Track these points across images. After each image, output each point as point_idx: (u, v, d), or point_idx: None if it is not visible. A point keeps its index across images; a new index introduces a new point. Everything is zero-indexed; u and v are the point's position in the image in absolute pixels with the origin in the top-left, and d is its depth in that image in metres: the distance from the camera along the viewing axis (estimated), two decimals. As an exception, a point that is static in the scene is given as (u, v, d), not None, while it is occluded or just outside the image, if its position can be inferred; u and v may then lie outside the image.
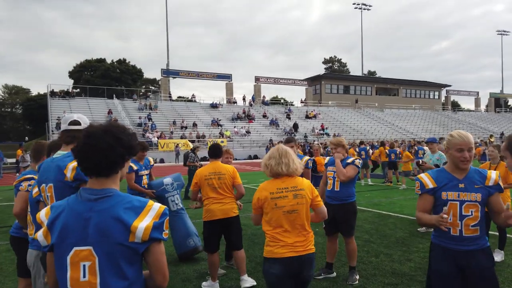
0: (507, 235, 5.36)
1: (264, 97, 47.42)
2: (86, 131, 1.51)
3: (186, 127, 34.35)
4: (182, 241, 5.24)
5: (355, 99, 52.30)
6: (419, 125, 46.48)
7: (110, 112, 33.37)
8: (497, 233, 5.31)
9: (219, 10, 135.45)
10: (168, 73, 44.31)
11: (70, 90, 39.04)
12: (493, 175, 2.39)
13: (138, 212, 1.47)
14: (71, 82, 55.07)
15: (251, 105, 44.11)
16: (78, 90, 45.05)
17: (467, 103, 73.40)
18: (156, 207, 1.51)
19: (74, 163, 2.17)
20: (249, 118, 39.60)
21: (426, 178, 2.55)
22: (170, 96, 44.31)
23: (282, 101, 56.54)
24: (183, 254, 5.26)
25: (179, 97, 53.07)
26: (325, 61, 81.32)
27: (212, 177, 4.29)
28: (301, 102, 51.12)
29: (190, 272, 4.93)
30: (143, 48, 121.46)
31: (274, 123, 39.16)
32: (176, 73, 44.62)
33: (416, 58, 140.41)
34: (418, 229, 6.82)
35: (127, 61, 61.01)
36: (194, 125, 35.09)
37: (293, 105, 52.29)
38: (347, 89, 54.76)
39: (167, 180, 5.55)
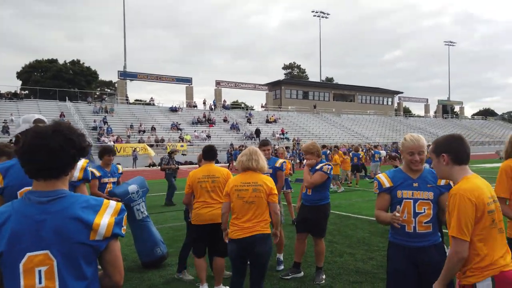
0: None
1: (225, 101, 47.37)
2: (34, 131, 1.44)
3: (144, 131, 33.46)
4: (149, 250, 5.06)
5: (314, 104, 53.65)
6: (374, 130, 48.52)
7: (62, 115, 31.79)
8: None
9: (179, 12, 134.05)
10: (125, 75, 43.00)
11: (18, 92, 36.74)
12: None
13: (96, 210, 1.46)
14: (19, 83, 51.92)
15: (211, 109, 43.88)
16: (27, 91, 42.46)
17: (417, 109, 77.84)
18: (113, 204, 1.52)
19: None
20: (210, 122, 39.34)
21: (383, 178, 2.73)
22: (127, 99, 43.00)
23: (242, 105, 56.80)
24: (150, 262, 5.09)
25: (137, 100, 51.65)
26: (285, 67, 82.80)
27: (205, 180, 4.13)
28: (262, 106, 51.63)
29: (156, 279, 4.79)
30: (98, 49, 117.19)
31: (235, 127, 39.18)
32: (134, 76, 43.41)
33: (371, 66, 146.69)
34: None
35: (81, 62, 58.51)
36: (153, 129, 34.27)
37: (253, 109, 52.67)
38: (306, 95, 56.06)
39: (132, 187, 5.21)
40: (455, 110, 71.13)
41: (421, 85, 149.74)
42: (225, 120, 41.06)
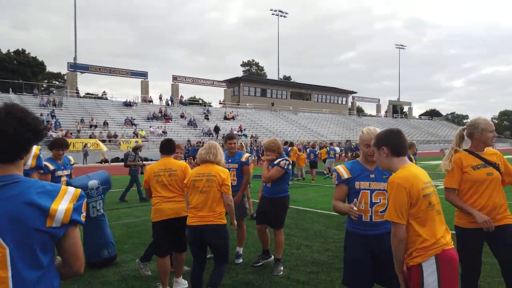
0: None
1: (182, 97, 46.55)
2: None
3: (95, 126, 32.04)
4: (96, 251, 4.80)
5: (272, 102, 54.27)
6: (329, 128, 50.03)
7: (5, 107, 29.53)
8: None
9: (134, 4, 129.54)
10: (76, 67, 40.90)
11: (-47, 82, 33.71)
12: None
13: (53, 196, 1.40)
14: (-46, 72, 47.54)
15: (168, 104, 42.93)
16: (-36, 81, 39.08)
17: (370, 109, 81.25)
18: (71, 190, 1.45)
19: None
20: (166, 118, 38.48)
21: (342, 169, 2.82)
22: (77, 92, 40.98)
23: (200, 101, 56.15)
24: (94, 262, 4.83)
25: (88, 93, 49.35)
26: (244, 64, 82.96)
27: (161, 174, 4.00)
28: (220, 103, 51.36)
29: (110, 275, 4.59)
30: (46, 40, 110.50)
31: (192, 123, 38.65)
32: (85, 68, 41.37)
33: (326, 66, 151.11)
34: None
35: (26, 52, 54.79)
36: (105, 124, 32.92)
37: (211, 106, 52.25)
38: (264, 92, 56.54)
39: (93, 183, 4.92)
40: (404, 110, 75.05)
41: (373, 86, 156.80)
42: (182, 116, 40.37)
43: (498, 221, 2.96)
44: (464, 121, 74.35)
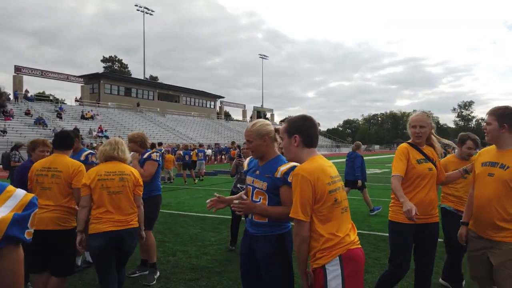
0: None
1: (27, 91, 39.99)
2: None
3: None
4: None
5: (137, 102, 51.35)
6: (198, 131, 50.04)
7: None
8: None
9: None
10: None
11: None
12: (283, 167, 2.27)
13: None
14: None
15: (9, 99, 36.27)
16: None
17: (236, 114, 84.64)
18: (20, 194, 1.06)
19: None
20: (6, 115, 32.40)
21: (246, 161, 2.63)
22: None
23: (51, 98, 49.32)
24: None
25: None
26: (105, 60, 76.51)
27: (44, 173, 3.27)
28: (76, 101, 46.02)
29: None
30: None
31: (40, 122, 33.49)
32: None
33: (194, 69, 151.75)
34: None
35: None
36: None
37: (65, 103, 46.36)
38: (128, 91, 53.09)
39: None
40: (267, 116, 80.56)
41: (238, 92, 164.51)
42: (27, 114, 34.65)
43: (431, 218, 3.01)
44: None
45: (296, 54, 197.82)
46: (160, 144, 15.62)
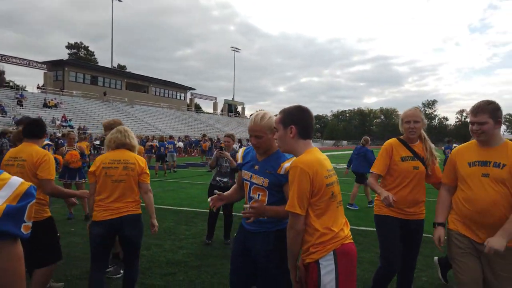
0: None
1: (-16, 76, 37.57)
2: None
3: None
4: None
5: (104, 91, 49.58)
6: (167, 123, 49.07)
7: None
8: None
9: None
10: None
11: None
12: (287, 164, 2.17)
13: None
14: None
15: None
16: None
17: (207, 106, 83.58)
18: (15, 182, 0.95)
19: None
20: (-39, 100, 30.38)
21: (239, 153, 2.49)
22: None
23: (11, 84, 46.67)
24: None
25: None
26: (70, 46, 73.22)
27: (11, 163, 3.12)
28: (38, 88, 43.82)
29: None
30: None
31: (-1, 109, 31.65)
32: None
33: (165, 60, 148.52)
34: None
35: None
36: None
37: (26, 90, 44.01)
38: (95, 80, 51.15)
39: None
40: (238, 110, 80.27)
41: (209, 84, 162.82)
42: (-16, 100, 32.62)
43: (415, 215, 2.98)
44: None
45: (268, 49, 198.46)
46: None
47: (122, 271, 4.05)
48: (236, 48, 74.91)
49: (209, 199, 2.40)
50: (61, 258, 3.34)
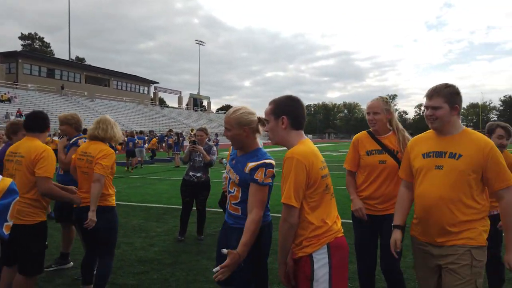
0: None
1: None
2: None
3: None
4: None
5: (62, 85, 47.25)
6: (130, 117, 47.61)
7: None
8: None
9: None
10: None
11: None
12: (252, 163, 2.12)
13: None
14: None
15: None
16: None
17: (171, 100, 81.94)
18: None
19: None
20: None
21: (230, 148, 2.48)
22: None
23: (-42, 76, 43.33)
24: None
25: None
26: (23, 37, 69.09)
27: (10, 159, 2.99)
28: (-11, 81, 41.05)
29: None
30: None
31: None
32: None
33: (126, 53, 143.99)
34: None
35: None
36: None
37: (-25, 83, 41.10)
38: (51, 73, 48.61)
39: None
40: (203, 104, 79.34)
41: (173, 78, 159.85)
42: None
43: (386, 210, 2.75)
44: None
45: (234, 42, 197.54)
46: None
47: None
48: (201, 41, 73.86)
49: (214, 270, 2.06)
50: (41, 272, 3.06)
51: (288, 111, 1.97)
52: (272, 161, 2.14)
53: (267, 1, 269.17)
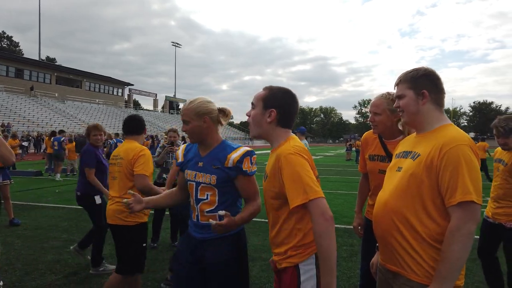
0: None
1: None
2: None
3: None
4: None
5: (31, 85, 45.51)
6: (103, 120, 46.34)
7: None
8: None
9: None
10: None
11: None
12: (234, 154, 1.92)
13: None
14: None
15: None
16: None
17: (146, 103, 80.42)
18: None
19: None
20: None
21: (180, 150, 2.14)
22: None
23: None
24: None
25: None
26: (-10, 35, 66.31)
27: (113, 162, 3.13)
28: (-49, 80, 39.03)
29: None
30: None
31: None
32: None
33: (100, 54, 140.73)
34: None
35: None
36: None
37: None
38: (20, 73, 46.73)
39: None
40: (180, 107, 78.34)
41: (149, 80, 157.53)
42: None
43: None
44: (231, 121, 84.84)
45: (211, 45, 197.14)
46: (61, 132, 13.90)
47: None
48: (177, 44, 73.02)
49: (124, 201, 2.08)
50: (142, 270, 3.07)
51: (280, 105, 1.73)
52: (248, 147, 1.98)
53: (245, 5, 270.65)
